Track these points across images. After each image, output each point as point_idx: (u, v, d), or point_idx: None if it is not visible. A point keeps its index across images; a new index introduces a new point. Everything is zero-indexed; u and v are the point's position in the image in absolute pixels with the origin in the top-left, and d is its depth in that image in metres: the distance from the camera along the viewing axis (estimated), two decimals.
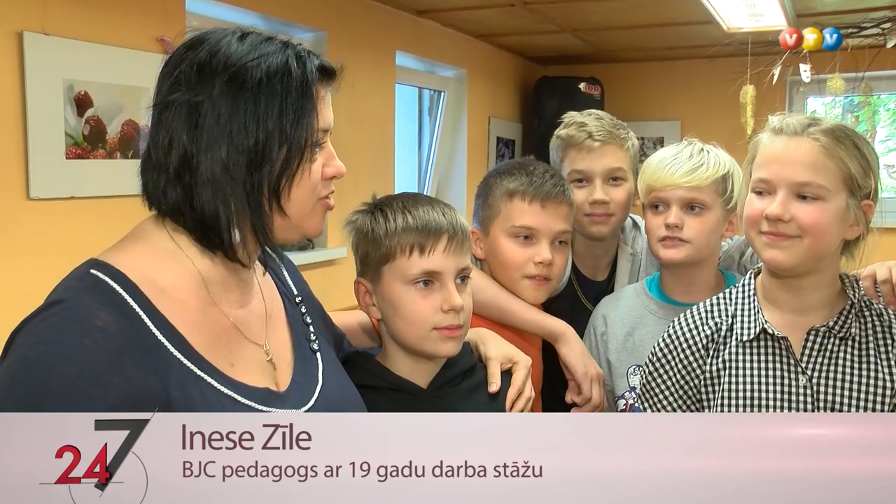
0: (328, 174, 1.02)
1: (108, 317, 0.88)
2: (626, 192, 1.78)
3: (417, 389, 1.28)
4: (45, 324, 0.87)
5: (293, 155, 0.95)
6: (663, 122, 4.50)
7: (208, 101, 0.93)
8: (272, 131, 0.93)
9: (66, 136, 1.98)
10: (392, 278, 1.25)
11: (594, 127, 1.76)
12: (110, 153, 2.10)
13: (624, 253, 1.88)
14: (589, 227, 1.78)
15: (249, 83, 0.93)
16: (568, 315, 1.77)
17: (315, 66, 0.98)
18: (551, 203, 1.59)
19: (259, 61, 0.94)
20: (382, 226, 1.26)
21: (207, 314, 0.98)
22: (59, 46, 1.95)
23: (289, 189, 0.96)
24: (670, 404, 1.39)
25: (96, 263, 0.93)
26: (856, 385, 1.27)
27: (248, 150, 0.93)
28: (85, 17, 2.03)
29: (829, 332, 1.29)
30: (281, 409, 0.99)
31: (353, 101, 3.13)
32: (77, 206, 2.02)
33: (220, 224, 0.95)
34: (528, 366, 1.39)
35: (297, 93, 0.95)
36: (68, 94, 1.98)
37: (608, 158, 1.76)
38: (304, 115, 0.95)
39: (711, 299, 1.42)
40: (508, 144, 4.55)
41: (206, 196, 0.93)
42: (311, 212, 1.01)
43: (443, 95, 4.03)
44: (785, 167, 1.26)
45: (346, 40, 3.07)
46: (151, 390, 0.87)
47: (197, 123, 0.93)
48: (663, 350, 1.40)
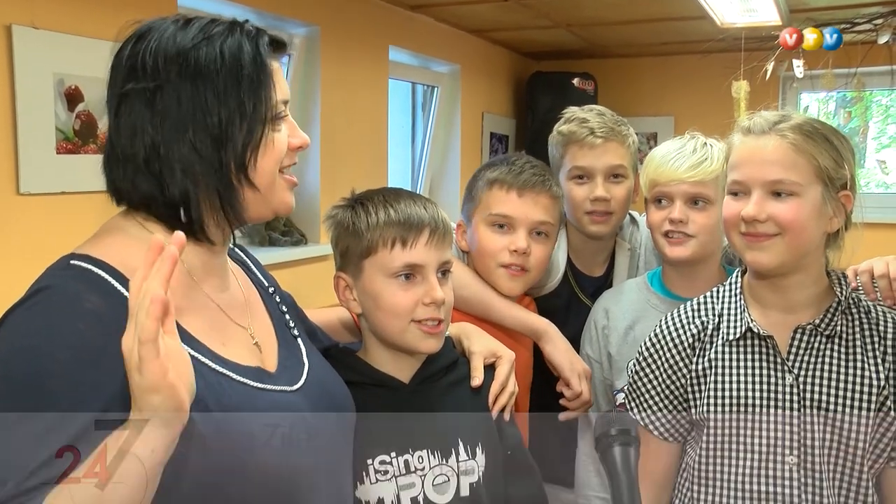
0: (294, 145, 1.03)
1: (99, 300, 0.89)
2: (627, 190, 1.78)
3: (399, 384, 1.28)
4: (34, 310, 0.87)
5: (255, 128, 0.97)
6: (657, 118, 4.50)
7: (168, 87, 0.95)
8: (233, 108, 0.96)
9: (56, 130, 1.97)
10: (373, 272, 1.25)
11: (596, 123, 1.76)
12: (101, 148, 2.07)
13: (622, 248, 1.87)
14: (589, 226, 1.78)
15: (204, 64, 0.96)
16: (565, 310, 1.77)
17: (266, 42, 1.01)
18: (529, 192, 1.60)
19: (212, 42, 0.97)
20: (364, 219, 1.26)
21: (193, 298, 0.99)
22: (48, 40, 1.94)
23: (255, 161, 0.98)
24: (656, 403, 1.39)
25: (74, 256, 0.94)
26: (842, 383, 1.26)
27: (212, 128, 0.95)
28: (75, 11, 2.02)
29: (815, 331, 1.29)
30: (274, 386, 1.01)
31: (346, 97, 3.12)
32: (68, 201, 2.00)
33: (190, 205, 0.97)
34: (511, 360, 1.39)
35: (253, 68, 0.98)
36: (58, 88, 1.97)
37: (610, 156, 1.76)
38: (262, 89, 0.98)
39: (699, 298, 1.42)
40: (502, 140, 4.54)
41: (176, 180, 0.96)
42: (278, 185, 1.02)
43: (436, 91, 4.02)
44: (756, 167, 1.26)
45: (340, 35, 3.06)
46: None
47: (158, 110, 0.95)
48: (650, 349, 1.41)
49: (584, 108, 1.84)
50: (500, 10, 3.48)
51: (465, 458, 1.26)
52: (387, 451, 1.22)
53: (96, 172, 2.34)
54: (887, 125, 4.62)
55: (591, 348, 1.69)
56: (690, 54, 4.20)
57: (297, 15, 2.88)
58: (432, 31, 3.75)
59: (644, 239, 1.85)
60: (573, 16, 3.64)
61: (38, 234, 1.93)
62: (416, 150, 4.05)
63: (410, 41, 3.56)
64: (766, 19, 3.19)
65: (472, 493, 1.25)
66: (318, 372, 1.12)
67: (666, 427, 1.38)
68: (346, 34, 3.11)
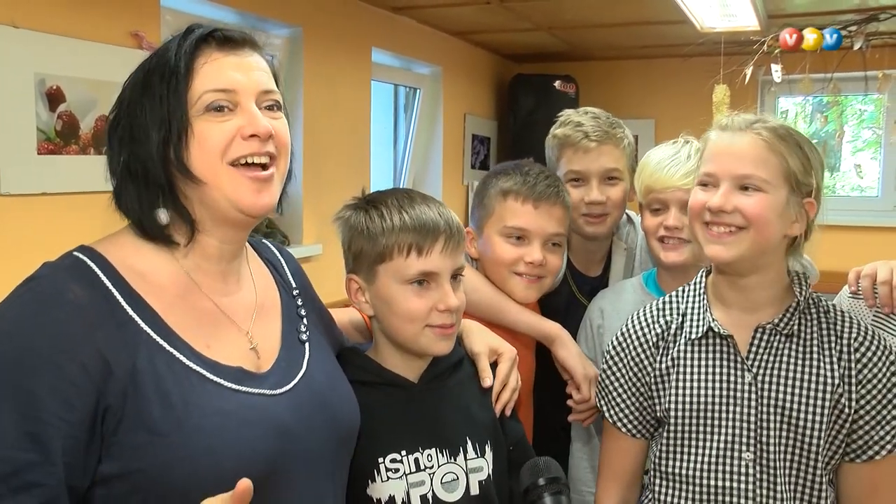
0: (245, 133, 1.01)
1: (81, 290, 0.93)
2: (622, 191, 1.79)
3: (409, 384, 1.29)
4: (21, 299, 0.93)
5: (170, 123, 0.98)
6: (638, 121, 4.52)
7: (121, 107, 1.02)
8: (154, 109, 0.98)
9: (37, 131, 1.96)
10: (387, 277, 1.24)
11: (590, 127, 1.77)
12: (83, 149, 2.07)
13: (618, 248, 1.89)
14: (585, 228, 1.79)
15: (140, 76, 1.01)
16: (563, 310, 1.79)
17: (195, 37, 1.01)
18: (544, 204, 1.60)
19: (153, 56, 1.02)
20: (378, 223, 1.25)
21: (187, 298, 1.02)
22: (29, 40, 1.92)
23: (187, 155, 0.99)
24: (623, 402, 1.42)
25: (82, 248, 1.00)
26: (798, 381, 1.30)
27: (141, 133, 0.98)
28: (56, 11, 2.01)
29: (774, 330, 1.32)
30: (256, 389, 1.02)
31: (328, 98, 3.12)
32: (49, 201, 1.99)
33: (142, 211, 1.01)
34: (512, 357, 1.40)
35: (164, 67, 1.00)
36: (40, 88, 1.95)
37: (605, 159, 1.77)
38: (173, 84, 0.99)
39: (665, 297, 1.45)
40: (484, 142, 4.56)
41: (127, 189, 1.01)
42: (228, 178, 1.00)
43: (418, 92, 4.03)
44: (728, 160, 1.29)
45: (322, 36, 3.06)
46: (120, 361, 0.92)
47: (117, 129, 1.01)
48: (617, 348, 1.43)
49: (578, 110, 1.85)
50: (482, 13, 3.49)
51: (474, 456, 1.28)
52: (397, 449, 1.23)
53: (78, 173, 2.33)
54: (861, 129, 4.69)
55: (585, 346, 1.71)
56: (671, 58, 4.24)
57: (280, 16, 2.88)
58: (415, 33, 3.75)
59: (640, 239, 1.87)
60: (555, 18, 3.66)
61: (18, 234, 1.91)
62: (399, 152, 4.06)
63: (393, 43, 3.56)
64: (745, 24, 3.23)
65: (481, 490, 1.27)
66: (317, 378, 1.12)
67: (633, 423, 1.41)
68: (329, 35, 3.11)
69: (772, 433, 1.29)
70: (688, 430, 1.33)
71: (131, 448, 0.91)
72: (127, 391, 0.91)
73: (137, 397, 0.91)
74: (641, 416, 1.40)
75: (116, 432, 0.91)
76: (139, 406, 0.91)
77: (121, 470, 0.91)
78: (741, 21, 3.19)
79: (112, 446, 0.91)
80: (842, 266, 1.54)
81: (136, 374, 0.92)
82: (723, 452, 1.31)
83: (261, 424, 0.99)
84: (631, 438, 1.42)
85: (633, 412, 1.41)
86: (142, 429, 0.91)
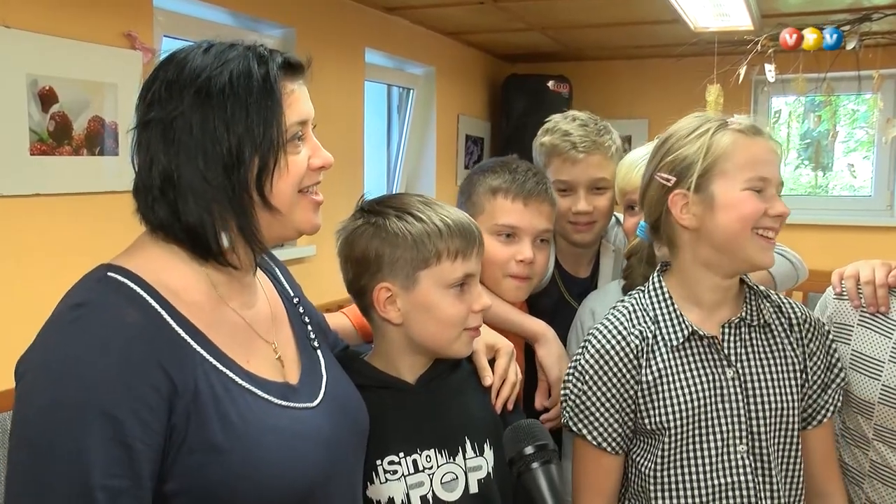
0: (315, 165, 1.04)
1: (136, 314, 0.92)
2: (610, 200, 1.80)
3: (406, 385, 1.29)
4: (77, 324, 0.90)
5: (267, 153, 0.97)
6: (631, 121, 4.54)
7: (180, 116, 0.96)
8: (242, 134, 0.96)
9: (30, 131, 1.95)
10: (430, 283, 1.24)
11: (578, 137, 1.77)
12: (76, 150, 2.06)
13: (606, 250, 1.89)
14: (572, 235, 1.80)
15: (214, 92, 0.96)
16: (552, 311, 1.78)
17: (277, 64, 1.01)
18: (534, 201, 1.60)
19: (222, 69, 0.97)
20: (420, 228, 1.23)
21: (221, 313, 1.02)
22: (21, 40, 1.92)
23: (270, 185, 0.98)
24: (607, 419, 1.35)
25: (111, 267, 0.96)
26: (772, 368, 1.35)
27: (222, 156, 0.96)
28: (48, 11, 2.00)
29: (741, 322, 1.35)
30: (297, 403, 1.03)
31: (321, 98, 3.09)
32: (42, 202, 1.98)
33: (206, 232, 0.97)
34: (509, 352, 1.40)
35: (260, 93, 0.97)
36: (32, 88, 1.95)
37: (592, 169, 1.77)
38: (271, 113, 0.98)
39: (626, 304, 1.41)
40: (477, 142, 4.56)
41: (190, 207, 0.96)
42: (299, 205, 1.02)
43: (412, 93, 4.03)
44: (774, 167, 1.31)
45: (315, 37, 3.05)
46: (183, 382, 0.91)
47: (172, 139, 0.96)
48: (594, 367, 1.36)
49: (566, 116, 1.84)
50: (476, 13, 3.49)
51: (473, 455, 1.27)
52: (395, 451, 1.23)
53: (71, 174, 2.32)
54: (854, 129, 4.71)
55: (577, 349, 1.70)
56: (665, 58, 4.24)
57: (273, 17, 2.87)
58: (408, 34, 3.75)
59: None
60: (548, 19, 3.67)
61: (10, 235, 1.90)
62: (392, 152, 4.05)
63: (386, 43, 3.56)
64: (739, 24, 3.23)
65: (481, 489, 1.26)
66: (336, 384, 1.14)
67: (618, 441, 1.37)
68: (322, 36, 3.11)
69: (761, 421, 1.32)
70: (687, 436, 1.33)
71: (194, 467, 0.91)
72: (190, 412, 0.91)
73: (199, 418, 0.92)
74: (624, 432, 1.36)
75: (179, 452, 0.91)
76: (201, 425, 0.91)
77: (183, 488, 0.91)
78: (734, 21, 3.20)
79: (174, 465, 0.91)
80: (835, 265, 1.55)
81: (197, 395, 0.92)
82: (720, 450, 1.32)
83: (311, 437, 1.01)
84: (615, 456, 1.38)
85: (617, 429, 1.36)
86: (204, 448, 0.91)
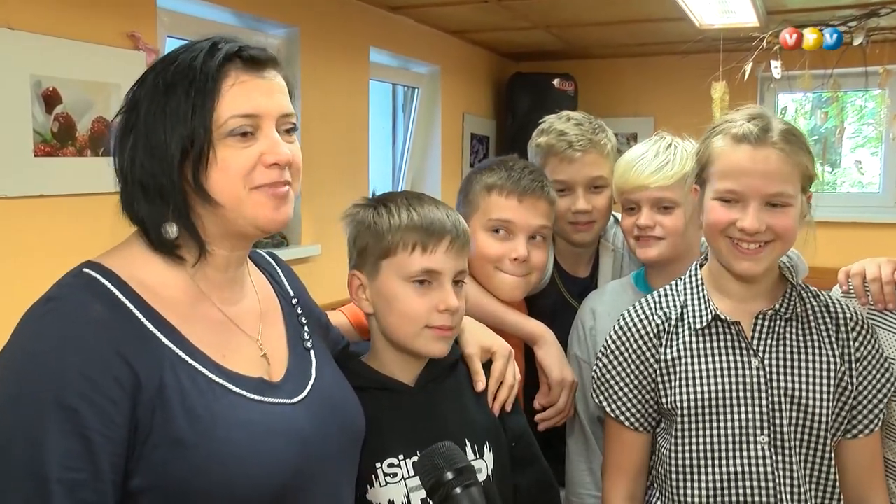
0: (267, 161, 1.00)
1: (102, 308, 0.92)
2: (608, 198, 1.80)
3: (404, 387, 1.29)
4: (44, 319, 0.91)
5: (199, 146, 0.96)
6: (636, 118, 4.53)
7: (134, 113, 0.98)
8: (175, 125, 0.96)
9: (34, 133, 1.95)
10: (390, 273, 1.25)
11: (574, 136, 1.76)
12: (80, 150, 2.06)
13: (605, 249, 1.88)
14: (572, 235, 1.79)
15: (161, 86, 0.97)
16: (552, 311, 1.78)
17: (223, 55, 0.98)
18: (529, 198, 1.60)
19: (175, 63, 0.97)
20: (385, 220, 1.26)
21: (198, 309, 1.02)
22: (25, 41, 1.92)
23: (206, 179, 0.97)
24: (626, 395, 1.42)
25: (89, 264, 0.98)
26: (803, 363, 1.34)
27: (159, 148, 0.96)
28: (52, 12, 2.00)
29: (775, 315, 1.35)
30: (274, 398, 1.02)
31: (326, 98, 3.11)
32: (46, 203, 1.98)
33: (150, 225, 0.99)
34: (506, 354, 1.40)
35: (192, 83, 0.96)
36: (36, 90, 1.95)
37: (589, 168, 1.77)
38: (199, 104, 0.96)
39: (659, 291, 1.47)
40: (483, 141, 4.55)
41: (137, 199, 0.98)
42: (250, 201, 1.00)
43: (417, 92, 4.02)
44: (755, 180, 1.29)
45: (319, 36, 3.05)
46: (149, 376, 0.91)
47: (129, 135, 0.98)
48: (616, 342, 1.44)
49: (561, 116, 1.83)
50: (480, 12, 3.48)
51: (473, 457, 1.27)
52: (394, 454, 1.23)
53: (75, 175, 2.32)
54: (862, 125, 4.68)
55: (579, 349, 1.70)
56: (670, 55, 4.23)
57: (277, 16, 2.87)
58: (412, 33, 3.75)
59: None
60: (552, 17, 3.66)
61: (15, 237, 1.90)
62: (397, 152, 4.05)
63: (391, 42, 3.55)
64: (744, 20, 3.22)
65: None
66: (326, 384, 1.12)
67: (636, 416, 1.41)
68: (326, 35, 3.10)
69: (784, 415, 1.32)
70: (701, 420, 1.34)
71: (159, 463, 0.91)
72: (155, 405, 0.91)
73: (165, 412, 0.91)
74: (644, 409, 1.41)
75: (145, 446, 0.90)
76: (166, 420, 0.91)
77: (149, 485, 0.91)
78: (740, 17, 3.18)
79: (140, 460, 0.90)
80: (843, 262, 1.54)
81: (163, 389, 0.92)
82: (738, 438, 1.32)
83: (285, 434, 1.00)
84: (635, 433, 1.42)
85: (636, 405, 1.41)
86: (168, 442, 0.91)
